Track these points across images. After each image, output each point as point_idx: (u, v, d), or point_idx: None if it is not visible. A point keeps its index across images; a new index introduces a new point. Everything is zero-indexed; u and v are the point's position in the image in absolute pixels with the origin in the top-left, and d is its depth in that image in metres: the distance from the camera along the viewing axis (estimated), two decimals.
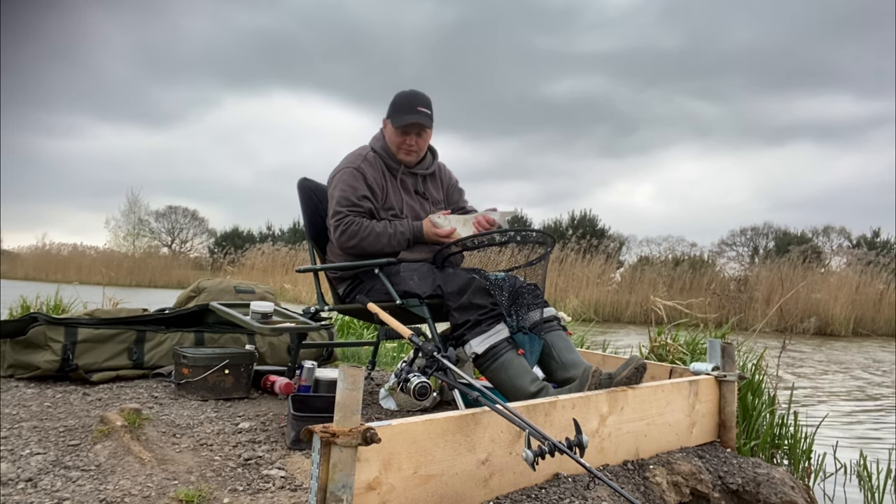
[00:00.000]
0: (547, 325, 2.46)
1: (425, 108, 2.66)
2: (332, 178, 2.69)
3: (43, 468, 1.73)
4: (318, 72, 56.48)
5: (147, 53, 52.95)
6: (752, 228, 28.66)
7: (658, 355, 3.62)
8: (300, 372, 2.68)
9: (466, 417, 1.69)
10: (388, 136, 2.71)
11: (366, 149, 2.74)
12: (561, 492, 1.83)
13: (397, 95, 2.72)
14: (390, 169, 2.70)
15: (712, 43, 50.91)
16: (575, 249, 14.91)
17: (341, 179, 2.64)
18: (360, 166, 2.64)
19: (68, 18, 49.58)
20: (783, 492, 2.28)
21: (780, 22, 53.49)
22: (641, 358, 2.28)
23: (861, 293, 13.50)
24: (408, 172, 2.74)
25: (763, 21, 53.84)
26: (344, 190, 2.61)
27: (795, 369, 6.92)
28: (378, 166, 2.68)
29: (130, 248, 28.75)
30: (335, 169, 2.71)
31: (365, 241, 2.56)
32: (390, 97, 2.73)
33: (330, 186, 2.69)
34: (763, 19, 54.09)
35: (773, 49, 49.38)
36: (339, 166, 2.70)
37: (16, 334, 2.68)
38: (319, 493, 1.35)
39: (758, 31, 52.13)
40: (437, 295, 2.38)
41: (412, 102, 2.67)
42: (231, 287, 3.34)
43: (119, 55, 51.69)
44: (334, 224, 2.60)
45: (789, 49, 49.09)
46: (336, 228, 2.59)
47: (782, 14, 53.86)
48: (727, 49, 49.97)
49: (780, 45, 50.89)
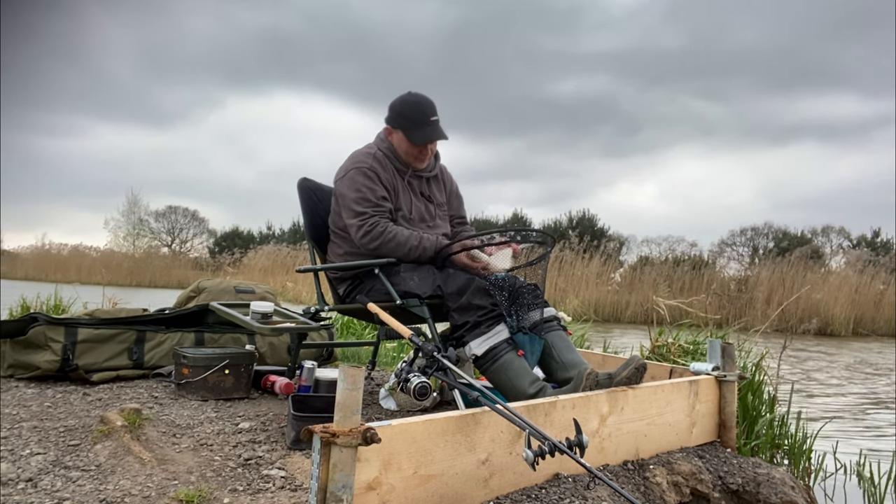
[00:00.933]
0: (547, 325, 2.46)
1: (436, 116, 2.63)
2: (343, 177, 2.63)
3: (43, 468, 1.73)
4: (321, 71, 56.36)
5: (149, 53, 52.86)
6: (752, 228, 28.64)
7: (659, 355, 3.62)
8: (300, 372, 2.68)
9: (466, 417, 1.69)
10: (400, 147, 2.65)
11: (373, 148, 2.68)
12: (561, 492, 1.83)
13: (405, 105, 2.64)
14: (398, 171, 2.68)
15: (717, 43, 50.75)
16: (575, 249, 14.91)
17: (354, 179, 2.58)
18: (372, 166, 2.60)
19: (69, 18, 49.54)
20: (783, 492, 2.28)
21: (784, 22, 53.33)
22: (641, 358, 2.28)
23: (861, 293, 13.52)
24: (414, 175, 2.72)
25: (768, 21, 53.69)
26: (361, 190, 2.56)
27: (795, 369, 6.92)
28: (388, 167, 2.64)
29: (130, 249, 28.78)
30: (343, 168, 2.66)
31: (388, 244, 2.51)
32: (393, 97, 2.67)
33: (339, 185, 2.64)
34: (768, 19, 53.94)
35: (777, 49, 49.25)
36: (349, 165, 2.64)
37: (16, 334, 2.68)
38: (319, 493, 1.35)
39: (762, 30, 51.99)
40: (437, 295, 2.38)
41: (425, 112, 2.61)
42: (231, 287, 3.34)
43: (121, 55, 51.60)
44: (358, 223, 2.54)
45: (794, 49, 48.95)
46: (360, 228, 2.53)
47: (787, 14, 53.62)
48: (732, 49, 49.80)
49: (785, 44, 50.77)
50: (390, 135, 2.68)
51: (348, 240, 2.64)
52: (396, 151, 2.66)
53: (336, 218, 2.70)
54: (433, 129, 2.62)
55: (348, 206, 2.57)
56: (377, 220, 2.53)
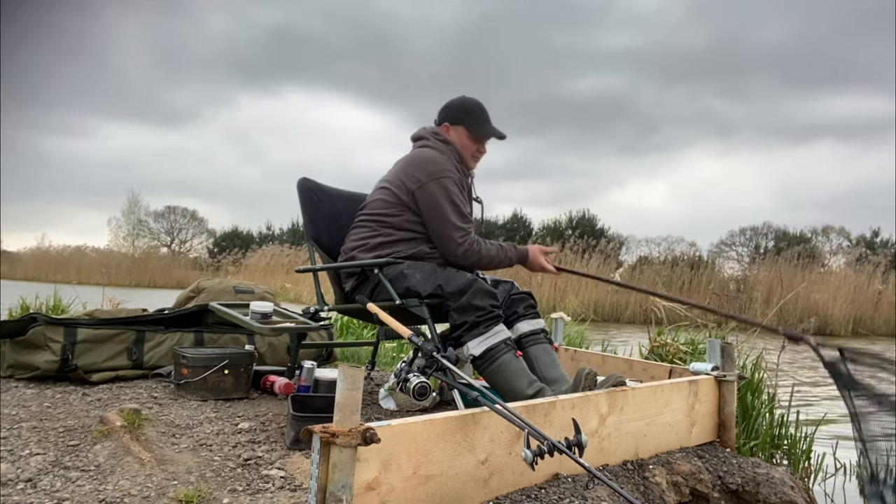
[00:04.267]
0: (533, 338, 2.47)
1: None
2: (432, 181, 2.52)
3: (42, 468, 1.72)
4: (336, 69, 56.18)
5: (162, 51, 52.72)
6: (752, 228, 28.66)
7: (658, 355, 3.62)
8: (300, 372, 2.68)
9: (466, 417, 1.69)
10: (461, 142, 2.66)
11: (444, 153, 2.63)
12: (560, 492, 1.83)
13: (466, 102, 2.69)
14: (462, 174, 2.68)
15: (739, 41, 50.35)
16: (574, 249, 14.92)
17: (448, 188, 2.53)
18: (459, 179, 2.60)
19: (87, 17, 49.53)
20: (783, 492, 2.28)
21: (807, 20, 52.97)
22: (621, 375, 2.29)
23: (860, 293, 13.53)
24: (466, 175, 2.73)
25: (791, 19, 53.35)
26: (455, 202, 2.54)
27: (796, 369, 6.92)
28: (460, 171, 2.65)
29: (130, 249, 28.77)
30: (430, 172, 2.53)
31: (480, 262, 2.55)
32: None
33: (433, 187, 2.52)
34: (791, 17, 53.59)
35: (800, 47, 48.95)
36: (434, 170, 2.54)
37: (15, 334, 2.68)
38: (319, 493, 1.35)
39: (786, 29, 51.67)
40: (436, 294, 2.38)
41: (485, 111, 2.69)
42: (231, 287, 3.34)
43: (135, 53, 51.47)
44: (459, 239, 2.51)
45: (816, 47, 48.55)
46: (460, 245, 2.51)
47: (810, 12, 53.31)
48: (754, 47, 49.41)
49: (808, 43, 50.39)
50: (448, 131, 2.68)
51: (389, 228, 2.58)
52: (458, 151, 2.67)
53: (388, 207, 2.59)
54: (494, 126, 2.69)
55: (446, 216, 2.51)
56: (474, 238, 2.56)
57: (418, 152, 2.64)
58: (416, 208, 2.55)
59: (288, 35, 53.95)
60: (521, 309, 2.55)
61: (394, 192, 2.59)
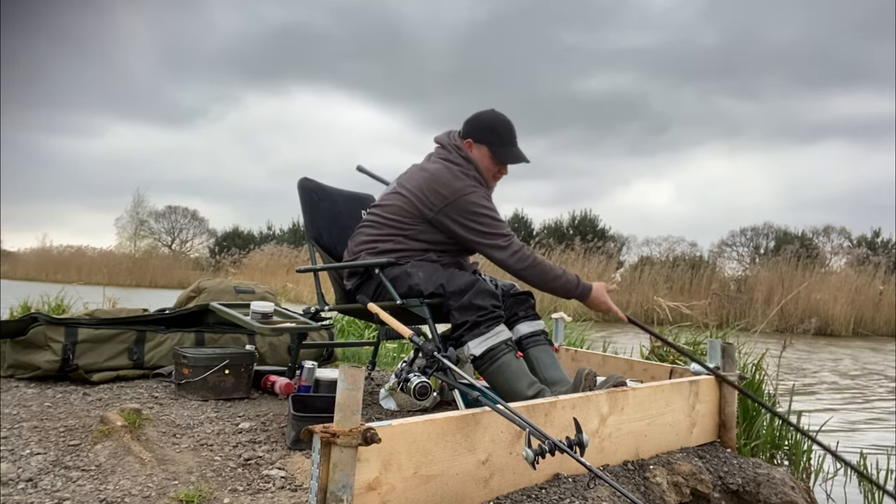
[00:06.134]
0: (533, 339, 2.46)
1: None
2: (460, 197, 2.46)
3: (43, 468, 1.73)
4: (343, 68, 55.91)
5: (170, 50, 52.50)
6: (752, 228, 28.64)
7: (659, 356, 3.62)
8: (300, 372, 2.68)
9: (466, 417, 1.69)
10: (483, 162, 2.57)
11: (466, 168, 2.56)
12: (561, 492, 1.83)
13: (496, 121, 2.58)
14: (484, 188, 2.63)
15: (751, 40, 49.96)
16: (575, 249, 14.92)
17: (481, 197, 2.49)
18: (476, 185, 2.53)
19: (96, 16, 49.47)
20: (783, 492, 2.28)
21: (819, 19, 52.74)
22: (621, 376, 2.28)
23: (861, 293, 13.52)
24: None
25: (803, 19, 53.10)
26: (491, 211, 2.50)
27: (796, 369, 6.92)
28: (482, 185, 2.59)
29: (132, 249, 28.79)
30: (455, 189, 2.46)
31: (535, 270, 2.46)
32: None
33: (473, 197, 2.47)
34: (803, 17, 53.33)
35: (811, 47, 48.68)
36: (460, 186, 2.47)
37: (16, 334, 2.68)
38: (319, 493, 1.35)
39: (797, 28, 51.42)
40: (437, 294, 2.38)
41: (514, 132, 2.58)
42: (231, 287, 3.34)
43: (143, 52, 51.30)
44: (505, 243, 2.46)
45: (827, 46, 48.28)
46: (508, 248, 2.45)
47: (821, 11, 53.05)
48: (765, 47, 48.92)
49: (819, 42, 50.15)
50: (470, 148, 2.59)
51: (401, 236, 2.54)
52: (479, 170, 2.59)
53: (405, 216, 2.53)
54: (519, 150, 2.60)
55: (487, 222, 2.46)
56: (523, 244, 2.50)
57: (442, 169, 2.53)
58: (439, 226, 2.49)
59: (296, 33, 53.79)
60: (521, 310, 2.55)
61: (414, 204, 2.50)
